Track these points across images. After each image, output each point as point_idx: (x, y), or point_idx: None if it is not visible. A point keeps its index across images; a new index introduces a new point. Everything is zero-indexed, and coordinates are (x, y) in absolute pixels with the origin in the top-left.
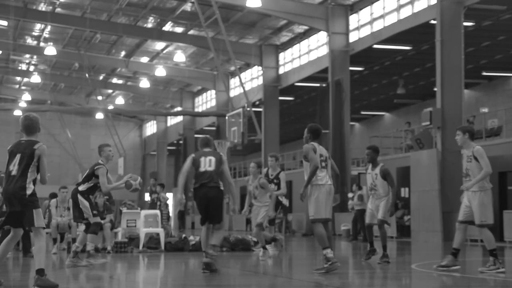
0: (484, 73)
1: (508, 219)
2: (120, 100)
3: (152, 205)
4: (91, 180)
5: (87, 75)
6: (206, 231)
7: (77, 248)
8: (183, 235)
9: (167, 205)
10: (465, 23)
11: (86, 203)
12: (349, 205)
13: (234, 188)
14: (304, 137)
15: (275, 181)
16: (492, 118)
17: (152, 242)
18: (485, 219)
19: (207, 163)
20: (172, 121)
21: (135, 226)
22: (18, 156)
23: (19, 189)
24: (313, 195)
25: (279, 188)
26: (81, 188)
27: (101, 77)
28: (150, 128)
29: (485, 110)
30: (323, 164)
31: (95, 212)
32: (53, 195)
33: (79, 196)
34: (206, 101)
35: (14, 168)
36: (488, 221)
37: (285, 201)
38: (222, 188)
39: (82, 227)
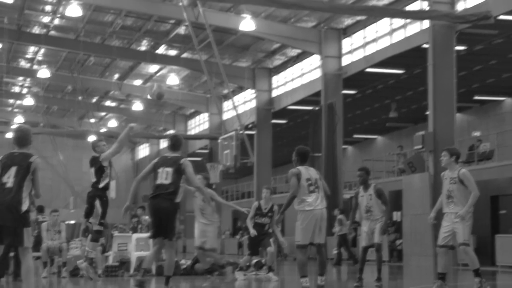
0: (476, 97)
1: (500, 243)
2: (113, 123)
3: (133, 229)
4: (104, 172)
5: (80, 97)
6: (156, 248)
7: (89, 253)
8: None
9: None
10: (457, 47)
11: (100, 210)
12: (333, 230)
13: (204, 191)
14: (293, 160)
15: (269, 214)
16: (484, 142)
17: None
18: (468, 239)
19: (164, 176)
20: (164, 144)
21: (126, 249)
22: (14, 169)
23: (16, 203)
24: (299, 220)
25: (272, 221)
26: (101, 185)
27: (94, 100)
28: (143, 151)
29: (477, 134)
30: (311, 188)
31: (103, 221)
32: (40, 209)
33: (97, 200)
34: (199, 124)
35: (9, 181)
36: (469, 243)
37: (252, 232)
38: (177, 201)
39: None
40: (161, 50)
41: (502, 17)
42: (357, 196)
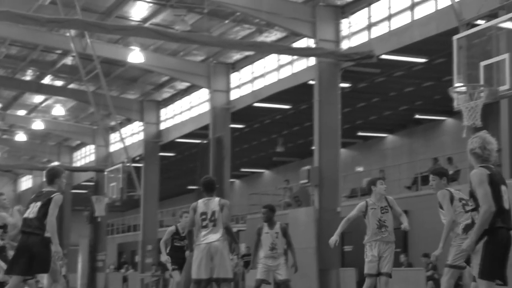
0: (360, 133)
1: None
2: None
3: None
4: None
5: None
6: (15, 283)
7: None
8: None
9: None
10: (342, 84)
11: (3, 263)
12: None
13: (52, 227)
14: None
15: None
16: (367, 177)
17: None
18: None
19: (31, 210)
20: None
21: None
22: None
23: None
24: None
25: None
26: None
27: None
28: (26, 182)
29: (360, 169)
30: (204, 223)
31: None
32: None
33: None
34: (85, 156)
35: None
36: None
37: (163, 258)
38: (47, 235)
39: None
40: (47, 80)
41: (384, 56)
42: (260, 233)
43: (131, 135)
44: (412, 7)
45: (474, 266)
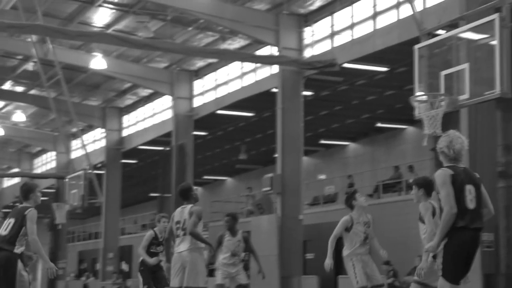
0: (322, 141)
1: (342, 284)
2: None
3: None
4: None
5: None
6: None
7: None
8: None
9: None
10: (305, 93)
11: None
12: None
13: (36, 245)
14: None
15: (163, 243)
16: (329, 185)
17: None
18: None
19: (5, 226)
20: (8, 182)
21: None
22: None
23: None
24: None
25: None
26: None
27: None
28: None
29: (323, 177)
30: (178, 232)
31: None
32: None
33: None
34: (46, 162)
35: None
36: None
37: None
38: (16, 251)
39: None
40: (7, 86)
41: (346, 65)
42: (221, 240)
43: (92, 141)
44: (374, 16)
45: (437, 265)
